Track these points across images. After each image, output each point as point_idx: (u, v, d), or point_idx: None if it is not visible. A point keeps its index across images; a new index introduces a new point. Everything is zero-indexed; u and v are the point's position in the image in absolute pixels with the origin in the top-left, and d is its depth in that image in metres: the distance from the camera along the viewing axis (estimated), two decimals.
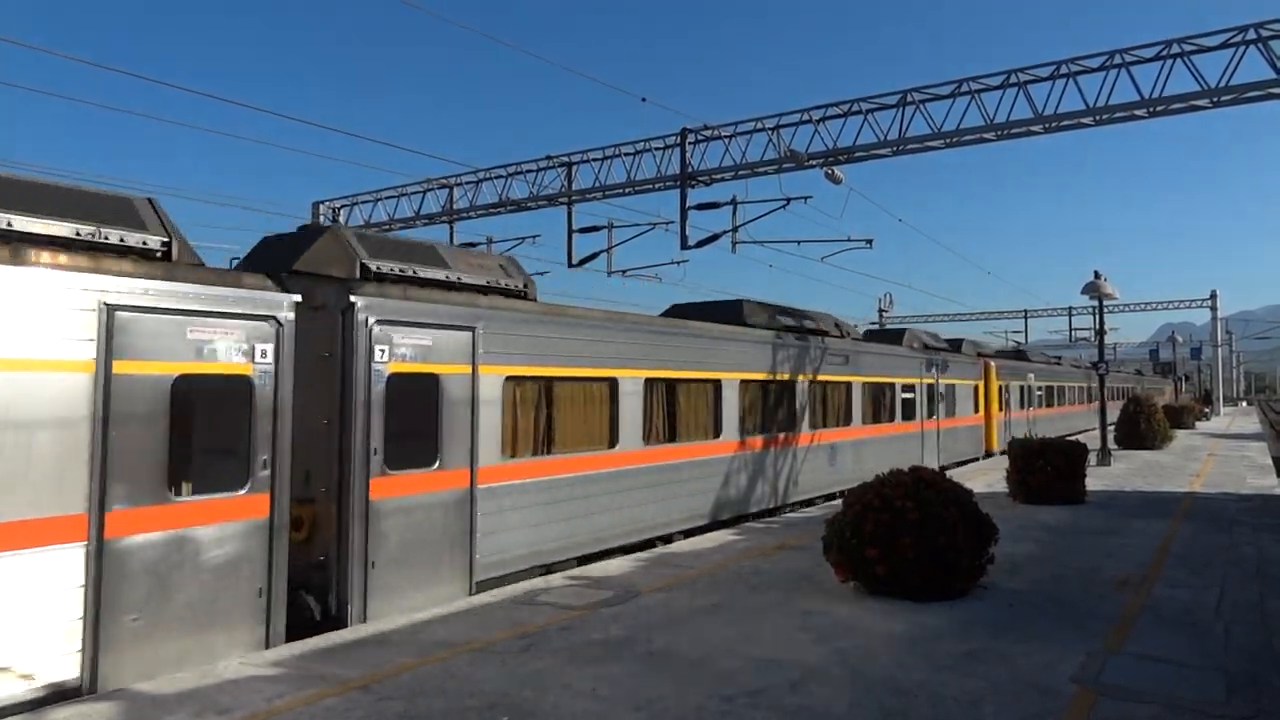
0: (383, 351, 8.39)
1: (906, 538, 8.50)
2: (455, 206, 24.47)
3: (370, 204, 26.18)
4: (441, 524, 8.84)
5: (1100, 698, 5.98)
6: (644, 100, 20.52)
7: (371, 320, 8.30)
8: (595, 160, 22.14)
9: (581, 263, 23.14)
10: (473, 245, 25.40)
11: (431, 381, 8.80)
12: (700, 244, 21.47)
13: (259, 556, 7.25)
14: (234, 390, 7.19)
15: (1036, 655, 6.88)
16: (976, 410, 26.45)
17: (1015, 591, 9.06)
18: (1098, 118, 17.14)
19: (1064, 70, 17.24)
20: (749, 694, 6.06)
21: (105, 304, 6.40)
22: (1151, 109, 16.67)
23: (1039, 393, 34.25)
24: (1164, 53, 16.48)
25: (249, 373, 7.25)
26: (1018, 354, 37.11)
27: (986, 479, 18.98)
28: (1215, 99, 16.09)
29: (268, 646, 7.26)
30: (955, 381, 24.33)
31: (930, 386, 22.39)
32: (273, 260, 8.61)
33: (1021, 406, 31.59)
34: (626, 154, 21.70)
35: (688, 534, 12.86)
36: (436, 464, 8.84)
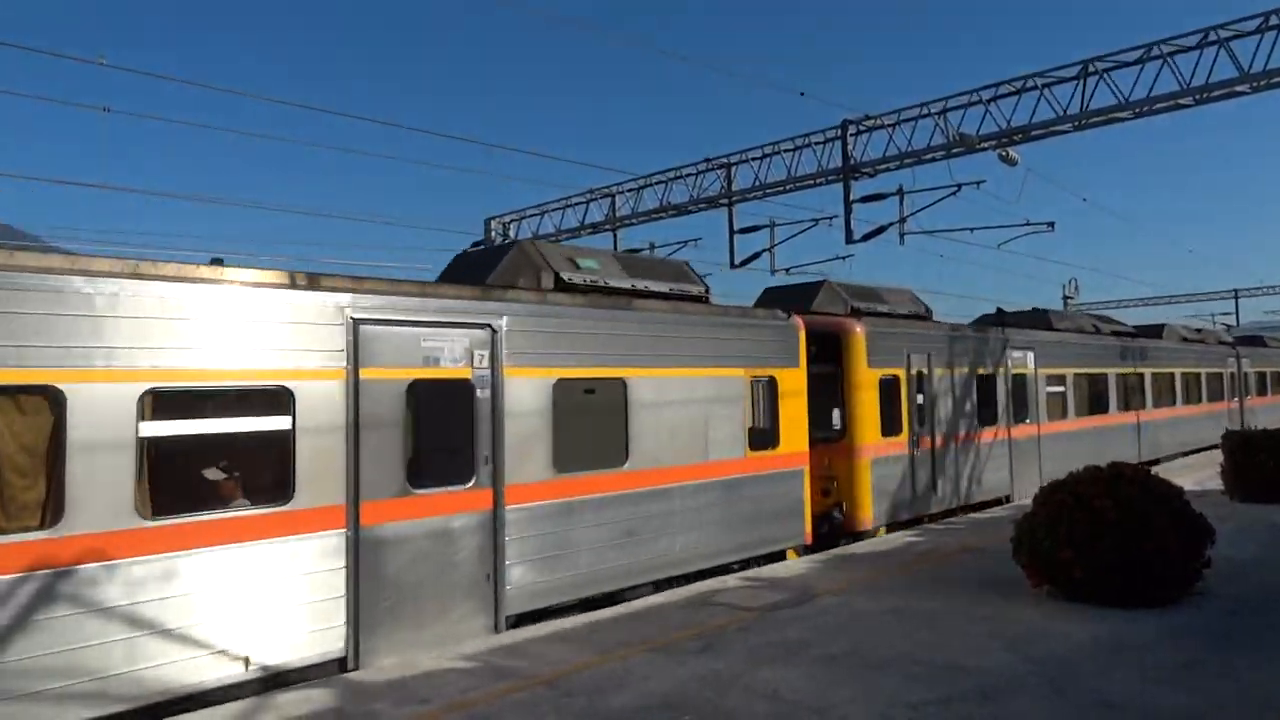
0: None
1: (1106, 539, 7.90)
2: (618, 214, 24.97)
3: (537, 217, 27.13)
4: None
5: None
6: (802, 95, 20.25)
7: None
8: (754, 159, 22.00)
9: (744, 263, 23.04)
10: (635, 251, 25.85)
11: None
12: (866, 237, 20.87)
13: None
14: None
15: (1266, 669, 6.21)
16: (767, 442, 11.01)
17: (1238, 599, 8.22)
18: None
19: (1274, 21, 15.54)
20: (938, 702, 5.80)
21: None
22: None
23: (1059, 390, 18.21)
24: None
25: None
26: (1003, 318, 18.84)
27: (1197, 476, 17.35)
28: None
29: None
30: (579, 375, 9.04)
31: (459, 394, 7.98)
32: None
33: (1005, 418, 16.04)
34: (786, 151, 21.42)
35: None
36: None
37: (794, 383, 11.46)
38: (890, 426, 13.27)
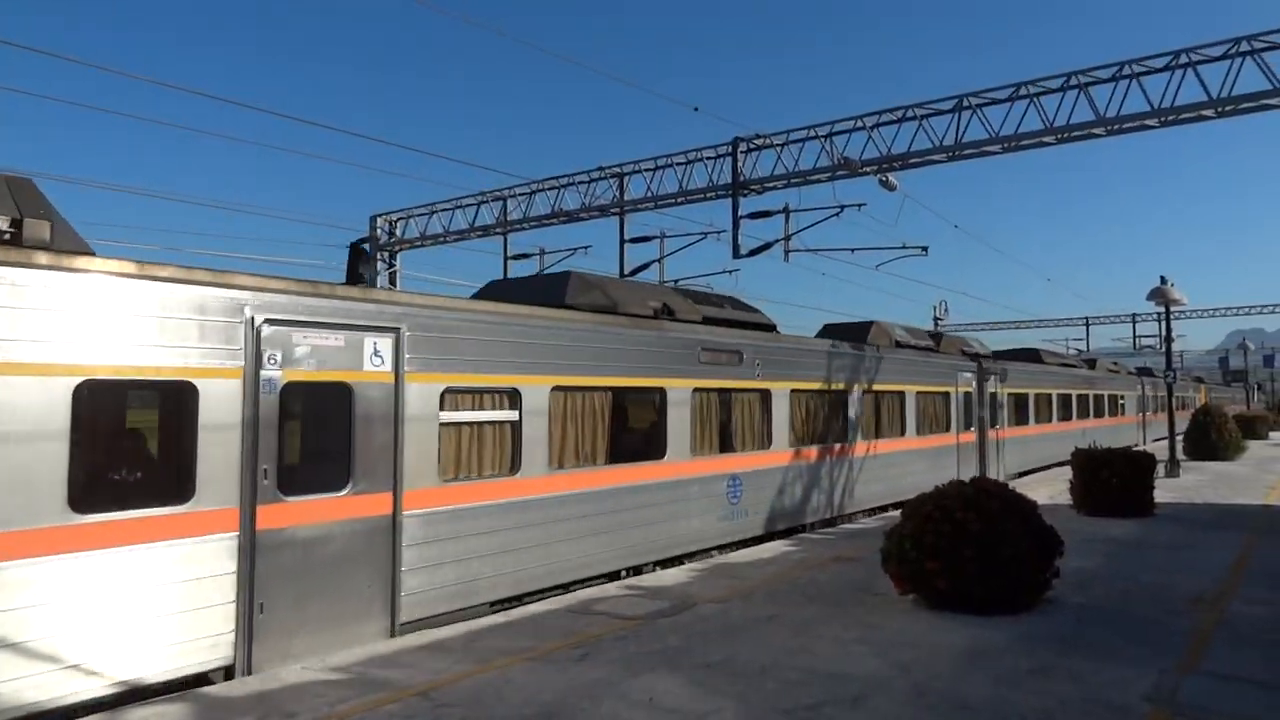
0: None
1: (968, 550, 8.32)
2: (509, 218, 24.74)
3: (426, 217, 26.59)
4: None
5: (1176, 718, 5.77)
6: (696, 109, 20.57)
7: None
8: (647, 170, 22.22)
9: (633, 273, 23.22)
10: (525, 256, 25.68)
11: None
12: (752, 253, 21.40)
13: None
14: None
15: (1108, 672, 6.67)
16: None
17: (1083, 606, 8.80)
18: (1163, 119, 16.67)
19: (1127, 71, 16.81)
20: (809, 707, 5.97)
21: None
22: (1220, 109, 16.17)
23: (491, 420, 9.28)
24: (1232, 51, 16.00)
25: None
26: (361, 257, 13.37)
27: (1049, 490, 18.50)
28: None
29: None
30: None
31: None
32: None
33: (240, 484, 7.06)
34: (678, 164, 21.73)
35: None
36: None
37: None
38: None
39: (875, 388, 16.93)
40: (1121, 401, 36.69)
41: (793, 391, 14.27)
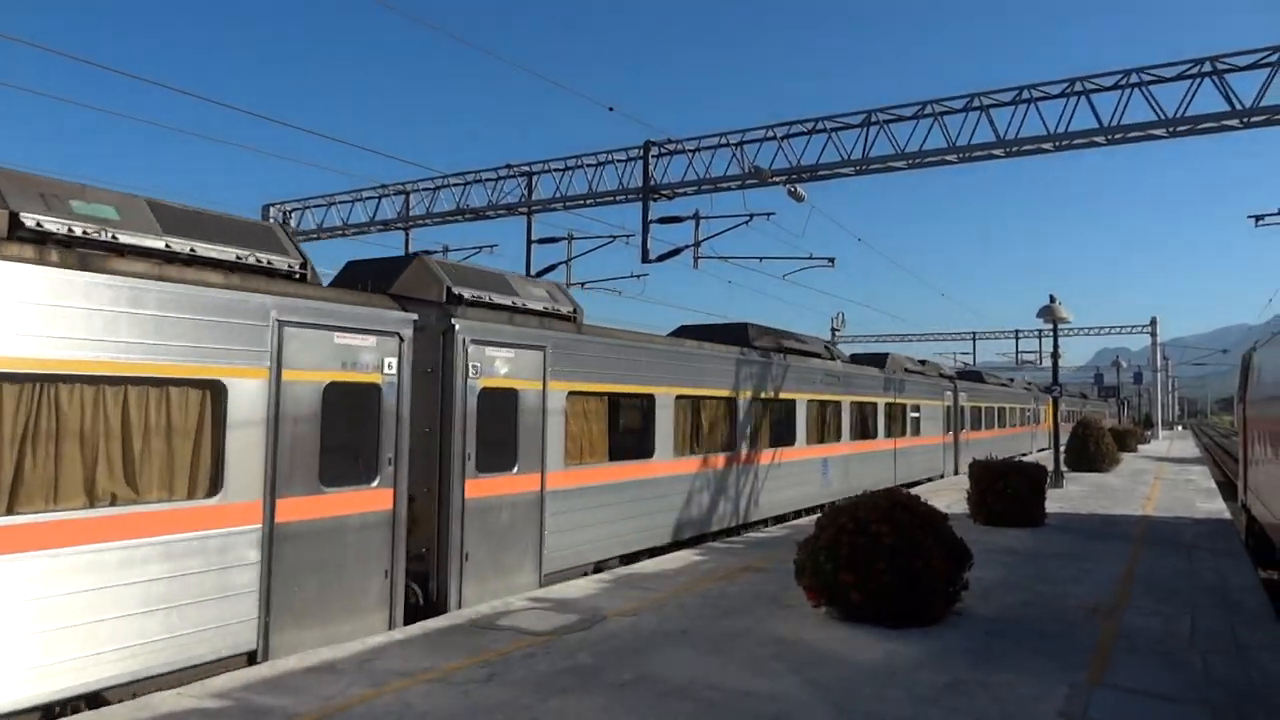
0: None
1: (882, 562, 8.27)
2: (411, 213, 23.94)
3: (324, 208, 25.50)
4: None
5: None
6: (611, 109, 20.32)
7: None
8: (556, 170, 21.86)
9: (540, 274, 22.77)
10: (429, 253, 24.89)
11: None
12: (661, 258, 21.28)
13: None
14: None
15: (1020, 687, 6.66)
16: None
17: (989, 619, 8.87)
18: (1058, 143, 17.36)
19: (1026, 95, 17.44)
20: None
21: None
22: (1110, 136, 16.94)
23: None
24: (1123, 82, 16.80)
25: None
26: None
27: (944, 500, 18.93)
28: (1172, 128, 16.40)
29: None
30: None
31: None
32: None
33: None
34: (588, 165, 21.46)
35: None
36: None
37: None
38: None
39: None
40: (914, 416, 24.58)
41: None
